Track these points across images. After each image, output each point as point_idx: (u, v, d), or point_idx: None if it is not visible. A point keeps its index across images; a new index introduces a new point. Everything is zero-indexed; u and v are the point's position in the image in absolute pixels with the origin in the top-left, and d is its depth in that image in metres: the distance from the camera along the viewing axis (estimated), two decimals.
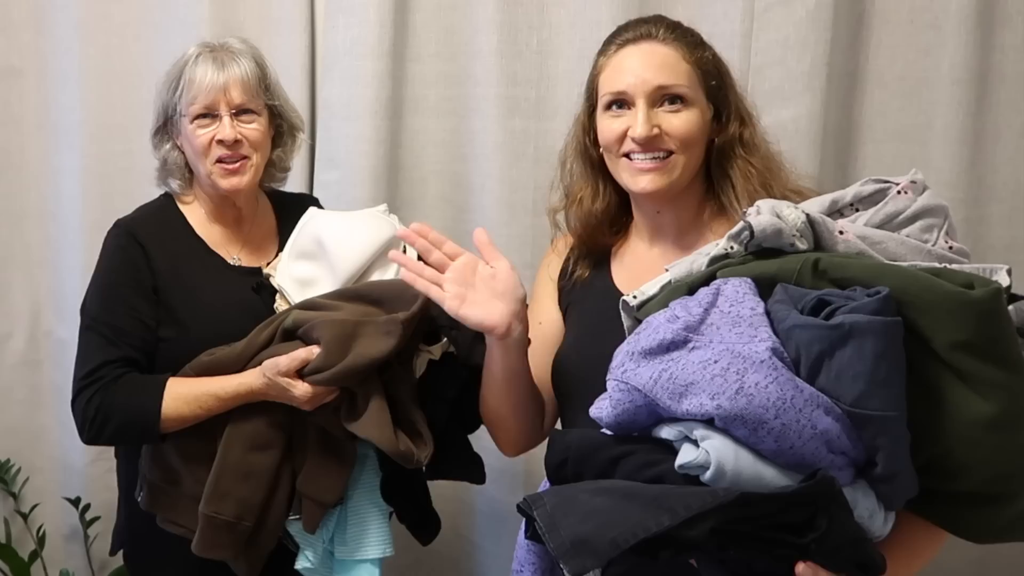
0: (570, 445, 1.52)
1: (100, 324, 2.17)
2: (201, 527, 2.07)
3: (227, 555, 2.10)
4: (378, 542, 2.19)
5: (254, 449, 2.09)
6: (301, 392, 2.02)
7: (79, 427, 2.17)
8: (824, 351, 1.35)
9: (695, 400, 1.36)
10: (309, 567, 2.18)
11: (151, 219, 2.27)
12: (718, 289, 1.49)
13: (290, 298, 2.20)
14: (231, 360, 2.11)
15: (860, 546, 1.38)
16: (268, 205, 2.41)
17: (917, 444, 1.40)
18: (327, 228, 2.21)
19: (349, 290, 2.14)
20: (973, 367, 1.39)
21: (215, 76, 2.19)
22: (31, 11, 3.13)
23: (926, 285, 1.39)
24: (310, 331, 2.04)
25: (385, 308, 2.05)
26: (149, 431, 2.09)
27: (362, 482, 2.20)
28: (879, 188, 1.60)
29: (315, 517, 2.13)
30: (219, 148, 2.20)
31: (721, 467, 1.34)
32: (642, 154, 1.79)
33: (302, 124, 2.40)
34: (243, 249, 2.32)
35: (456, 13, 2.80)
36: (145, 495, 2.18)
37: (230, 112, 2.20)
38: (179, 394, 2.08)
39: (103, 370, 2.13)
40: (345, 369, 2.00)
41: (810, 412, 1.34)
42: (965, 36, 2.46)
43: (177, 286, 2.19)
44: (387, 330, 2.01)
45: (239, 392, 2.07)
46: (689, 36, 1.86)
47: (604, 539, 1.31)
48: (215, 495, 2.06)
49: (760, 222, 1.52)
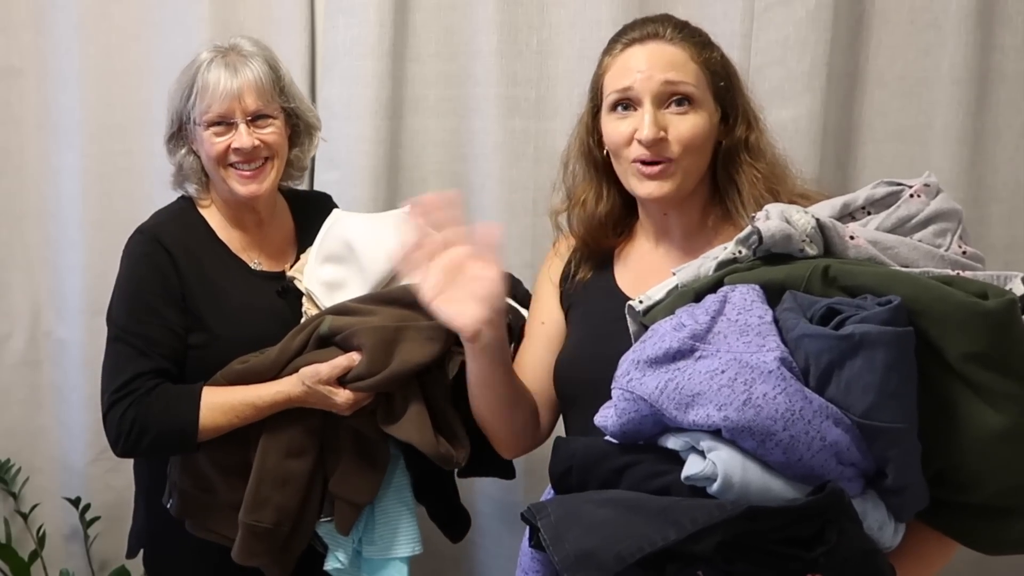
0: (575, 453, 1.50)
1: (130, 335, 2.13)
2: (241, 535, 2.07)
3: (264, 561, 2.10)
4: (407, 540, 2.20)
5: (290, 455, 2.08)
6: (343, 400, 2.02)
7: (112, 440, 2.13)
8: (834, 361, 1.34)
9: (702, 411, 1.35)
10: (340, 567, 2.18)
11: (174, 224, 2.24)
12: (725, 296, 1.48)
13: (319, 302, 2.19)
14: (265, 367, 2.10)
15: (870, 558, 1.37)
16: (285, 206, 2.40)
17: (928, 456, 1.39)
18: (356, 231, 2.20)
19: (383, 294, 2.13)
20: (986, 379, 1.37)
21: (228, 83, 2.16)
22: (31, 11, 3.13)
23: (938, 295, 1.38)
24: (350, 338, 2.04)
25: (421, 312, 2.04)
26: (187, 442, 2.08)
27: (392, 482, 2.21)
28: (891, 191, 1.58)
29: (349, 518, 2.13)
30: (236, 155, 2.18)
31: (728, 479, 1.33)
32: (648, 160, 1.76)
33: (319, 123, 2.38)
34: (262, 253, 2.31)
35: (456, 13, 2.79)
36: (176, 502, 2.17)
37: (245, 119, 2.18)
38: (215, 404, 2.07)
39: (136, 382, 2.10)
40: (390, 375, 2.01)
41: (819, 424, 1.32)
42: (965, 36, 2.45)
43: (204, 292, 2.18)
44: (430, 336, 2.01)
45: (277, 400, 2.06)
46: (697, 36, 1.84)
47: (610, 553, 1.30)
48: (255, 503, 2.06)
49: (769, 227, 1.50)
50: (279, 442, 2.08)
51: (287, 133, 2.29)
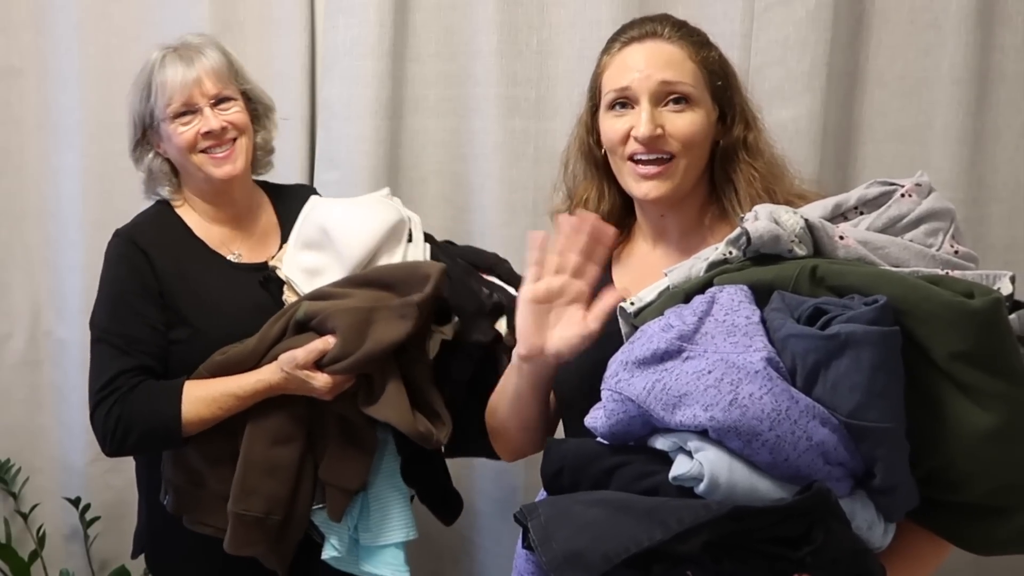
0: (566, 455, 1.50)
1: (111, 335, 2.16)
2: (231, 525, 2.09)
3: (258, 551, 2.12)
4: (401, 525, 2.22)
5: (277, 444, 2.10)
6: (322, 383, 2.04)
7: (100, 440, 2.15)
8: (820, 361, 1.34)
9: (688, 411, 1.34)
10: (336, 555, 2.19)
11: (150, 225, 2.28)
12: (713, 297, 1.48)
13: (298, 289, 2.20)
14: (245, 357, 2.12)
15: (859, 558, 1.36)
16: (265, 199, 2.42)
17: (917, 455, 1.39)
18: (331, 216, 2.22)
19: (358, 276, 2.14)
20: (973, 378, 1.37)
21: (186, 72, 2.21)
22: (31, 11, 3.14)
23: (925, 294, 1.38)
24: (324, 321, 2.06)
25: (397, 292, 2.06)
26: (172, 437, 2.10)
27: (382, 468, 2.22)
28: (884, 191, 1.58)
29: (340, 505, 2.15)
30: (206, 140, 2.21)
31: (715, 479, 1.33)
32: (645, 155, 1.76)
33: (273, 103, 2.41)
34: (244, 245, 2.32)
35: (456, 13, 2.79)
36: (171, 499, 2.18)
37: (209, 103, 2.22)
38: (197, 397, 2.09)
39: (119, 380, 2.12)
40: (364, 356, 2.02)
41: (805, 423, 1.32)
42: (965, 36, 2.45)
43: (183, 289, 2.20)
44: (402, 313, 2.02)
45: (258, 389, 2.08)
46: (695, 35, 1.83)
47: (596, 553, 1.30)
48: (242, 493, 2.08)
49: (757, 228, 1.50)
50: (265, 430, 2.10)
51: (248, 116, 2.32)
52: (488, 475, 2.84)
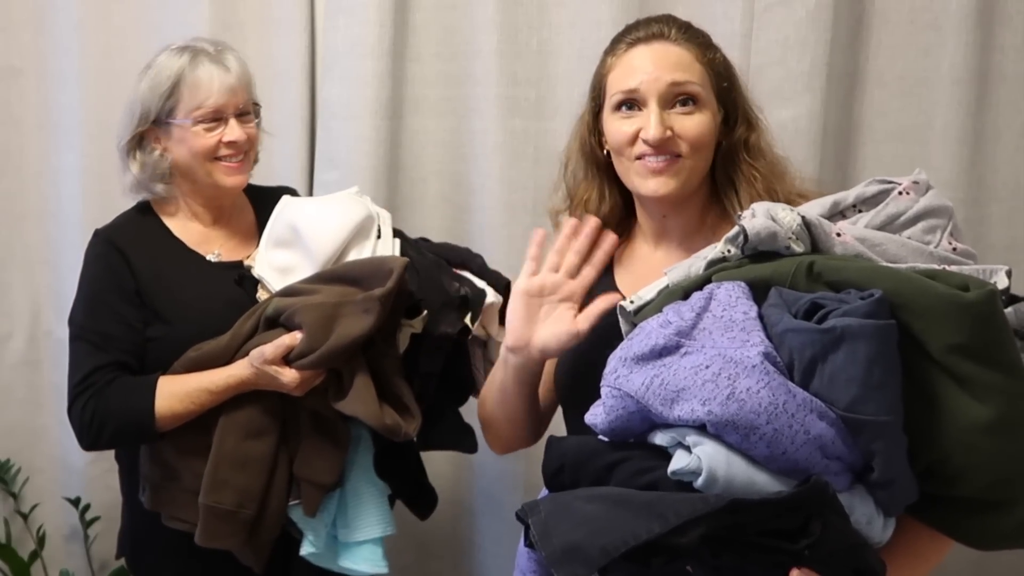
0: (566, 452, 1.51)
1: (88, 332, 2.20)
2: (202, 517, 2.10)
3: (230, 544, 2.13)
4: (378, 522, 2.22)
5: (249, 437, 2.12)
6: (289, 378, 2.05)
7: (77, 434, 2.19)
8: (816, 355, 1.34)
9: (686, 406, 1.35)
10: (314, 552, 2.19)
11: (128, 225, 2.31)
12: (711, 293, 1.48)
13: (270, 287, 2.22)
14: (218, 353, 2.14)
15: (858, 552, 1.37)
16: (245, 199, 2.43)
17: (915, 449, 1.39)
18: (300, 214, 2.24)
19: (326, 273, 2.17)
20: (969, 370, 1.37)
21: (224, 78, 2.21)
22: (31, 11, 3.13)
23: (920, 288, 1.38)
24: (292, 317, 2.08)
25: (362, 287, 2.08)
26: (146, 431, 2.12)
27: (358, 463, 2.23)
28: (882, 189, 1.58)
29: (314, 500, 2.15)
30: (227, 148, 2.22)
31: (713, 473, 1.33)
32: (654, 156, 1.76)
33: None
34: (225, 245, 2.34)
35: (456, 13, 2.80)
36: (148, 495, 2.20)
37: (235, 113, 2.23)
38: (171, 392, 2.11)
39: (95, 376, 2.15)
40: (329, 350, 2.03)
41: (803, 417, 1.32)
42: (965, 36, 2.45)
43: (159, 287, 2.22)
44: (365, 308, 2.04)
45: (229, 384, 2.10)
46: (700, 37, 1.84)
47: (595, 547, 1.31)
48: (213, 485, 2.09)
49: (754, 225, 1.51)
50: (237, 424, 2.12)
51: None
52: (488, 475, 2.84)
